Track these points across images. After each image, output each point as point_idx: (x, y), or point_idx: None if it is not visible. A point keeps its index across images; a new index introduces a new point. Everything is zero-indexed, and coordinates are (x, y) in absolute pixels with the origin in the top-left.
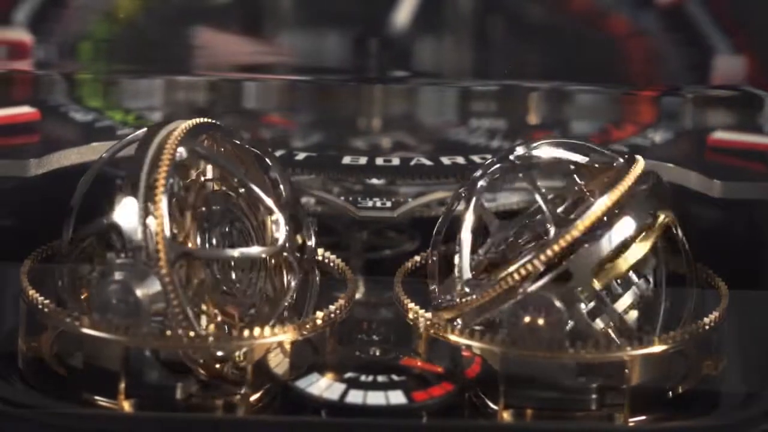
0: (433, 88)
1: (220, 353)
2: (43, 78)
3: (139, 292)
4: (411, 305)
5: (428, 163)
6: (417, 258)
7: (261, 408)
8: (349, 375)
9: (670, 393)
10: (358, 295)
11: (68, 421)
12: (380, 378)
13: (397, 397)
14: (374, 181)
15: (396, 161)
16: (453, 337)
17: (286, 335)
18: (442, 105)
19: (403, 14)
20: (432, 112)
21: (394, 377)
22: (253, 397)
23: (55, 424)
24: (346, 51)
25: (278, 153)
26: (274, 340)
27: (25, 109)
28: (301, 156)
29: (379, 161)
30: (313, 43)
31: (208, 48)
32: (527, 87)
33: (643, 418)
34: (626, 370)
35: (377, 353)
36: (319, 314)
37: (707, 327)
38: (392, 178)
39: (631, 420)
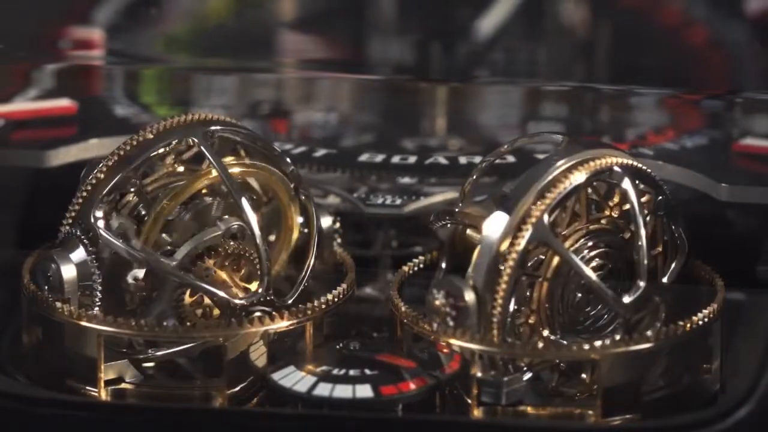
0: (498, 90)
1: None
2: (103, 72)
3: (64, 272)
4: (397, 301)
5: (444, 162)
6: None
7: (239, 400)
8: (322, 368)
9: (658, 392)
10: (369, 291)
11: (59, 409)
12: (352, 372)
13: (364, 391)
14: (402, 180)
15: (412, 159)
16: (433, 334)
17: (274, 324)
18: (505, 107)
19: (490, 20)
20: (492, 115)
21: (367, 371)
22: (231, 390)
23: (50, 414)
24: (412, 52)
25: (298, 150)
26: (262, 330)
27: (62, 102)
28: (319, 153)
29: (395, 159)
30: (381, 43)
31: (279, 45)
32: (588, 90)
33: (627, 417)
34: (598, 369)
35: (356, 347)
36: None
37: (698, 324)
38: (415, 177)
39: (608, 419)
